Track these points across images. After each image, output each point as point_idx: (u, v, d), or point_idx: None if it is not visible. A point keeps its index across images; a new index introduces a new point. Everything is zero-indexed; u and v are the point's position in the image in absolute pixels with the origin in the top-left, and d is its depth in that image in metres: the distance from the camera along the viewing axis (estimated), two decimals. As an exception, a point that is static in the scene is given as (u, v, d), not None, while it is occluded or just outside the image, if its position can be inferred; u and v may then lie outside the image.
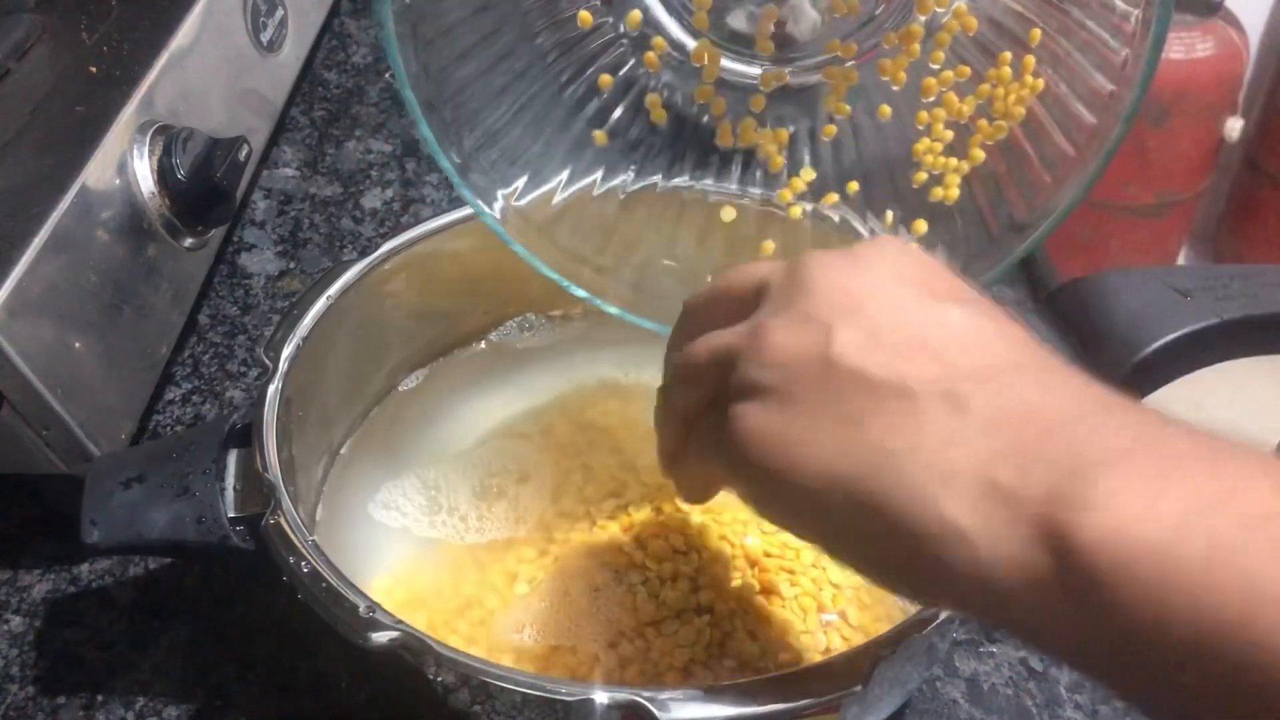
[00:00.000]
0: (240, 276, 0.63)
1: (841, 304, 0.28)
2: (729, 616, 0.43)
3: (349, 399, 0.51)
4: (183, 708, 0.44)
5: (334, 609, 0.34)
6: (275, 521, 0.37)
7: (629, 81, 0.42)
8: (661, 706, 0.31)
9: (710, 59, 0.40)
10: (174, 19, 0.54)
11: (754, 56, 0.42)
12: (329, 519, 0.46)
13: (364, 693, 0.43)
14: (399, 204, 0.69)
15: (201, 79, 0.56)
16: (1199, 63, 1.49)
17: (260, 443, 0.40)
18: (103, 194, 0.47)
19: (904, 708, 0.44)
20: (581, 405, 0.53)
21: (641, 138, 0.43)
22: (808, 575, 0.44)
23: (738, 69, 0.42)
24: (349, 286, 0.47)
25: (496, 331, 0.55)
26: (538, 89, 0.41)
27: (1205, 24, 1.51)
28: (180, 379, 0.57)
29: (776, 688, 0.32)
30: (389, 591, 0.44)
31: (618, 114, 0.42)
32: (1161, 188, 1.57)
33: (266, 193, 0.69)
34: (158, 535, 0.40)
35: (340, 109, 0.75)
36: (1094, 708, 0.44)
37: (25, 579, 0.49)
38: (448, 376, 0.54)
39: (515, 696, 0.32)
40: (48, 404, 0.43)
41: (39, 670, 0.45)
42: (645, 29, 0.41)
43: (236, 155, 0.51)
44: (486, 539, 0.47)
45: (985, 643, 0.47)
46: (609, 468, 0.50)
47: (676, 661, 0.41)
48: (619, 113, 0.42)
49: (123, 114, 0.49)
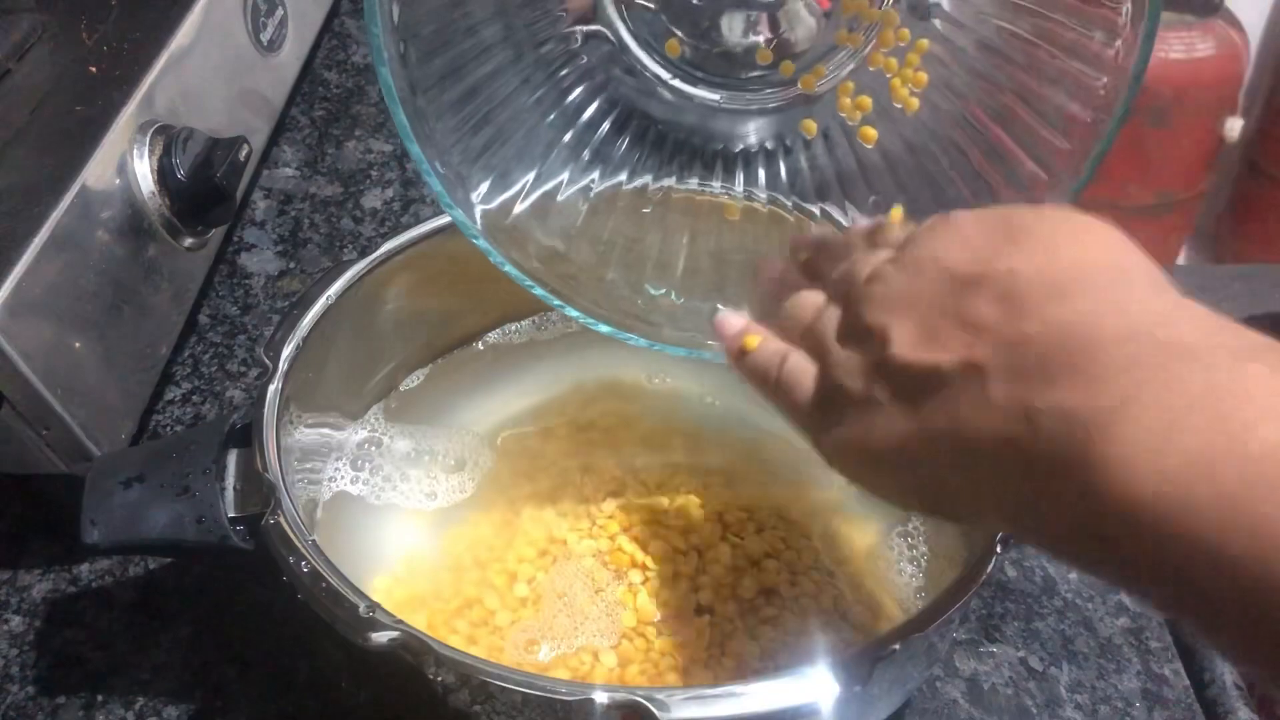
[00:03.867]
0: (240, 276, 0.63)
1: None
2: (729, 616, 0.43)
3: (349, 399, 0.51)
4: (183, 708, 0.44)
5: (334, 609, 0.34)
6: (275, 521, 0.37)
7: (611, 100, 0.43)
8: (661, 706, 0.31)
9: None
10: (174, 19, 0.54)
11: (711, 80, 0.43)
12: (329, 519, 0.46)
13: (364, 693, 0.43)
14: (399, 204, 0.69)
15: (201, 79, 0.56)
16: (1199, 63, 1.49)
17: (260, 443, 0.40)
18: (103, 194, 0.47)
19: (904, 708, 0.44)
20: (581, 405, 0.53)
21: (626, 148, 0.43)
22: (808, 576, 0.44)
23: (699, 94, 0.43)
24: (349, 286, 0.47)
25: (496, 331, 0.55)
26: (524, 105, 0.41)
27: (1205, 24, 1.51)
28: (180, 379, 0.57)
29: (776, 688, 0.32)
30: (389, 591, 0.44)
31: (604, 128, 0.43)
32: (1161, 188, 1.57)
33: (266, 193, 0.69)
34: (158, 535, 0.40)
35: (340, 109, 0.75)
36: (1094, 708, 0.44)
37: (25, 579, 0.49)
38: (448, 376, 0.54)
39: (515, 696, 0.32)
40: (48, 404, 0.43)
41: (39, 670, 0.45)
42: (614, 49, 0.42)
43: (236, 155, 0.51)
44: (486, 539, 0.47)
45: (985, 643, 0.47)
46: (609, 468, 0.50)
47: (676, 661, 0.41)
48: (605, 127, 0.43)
49: (123, 114, 0.48)
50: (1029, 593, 0.49)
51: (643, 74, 0.43)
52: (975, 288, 0.27)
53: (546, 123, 0.42)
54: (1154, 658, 0.46)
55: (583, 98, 0.42)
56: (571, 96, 0.42)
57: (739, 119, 0.43)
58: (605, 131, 0.43)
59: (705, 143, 0.44)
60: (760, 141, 0.43)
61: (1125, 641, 0.47)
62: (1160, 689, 0.45)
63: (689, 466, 0.50)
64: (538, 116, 0.41)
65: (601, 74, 0.42)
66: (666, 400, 0.53)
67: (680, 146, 0.44)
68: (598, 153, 0.43)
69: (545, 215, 0.42)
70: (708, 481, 0.49)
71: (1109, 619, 0.48)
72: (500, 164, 0.41)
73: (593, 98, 0.42)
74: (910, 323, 0.28)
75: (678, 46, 0.42)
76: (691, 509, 0.47)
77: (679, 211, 0.44)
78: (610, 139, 0.43)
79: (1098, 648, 0.47)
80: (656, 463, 0.50)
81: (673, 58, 0.42)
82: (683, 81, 0.43)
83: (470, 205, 0.40)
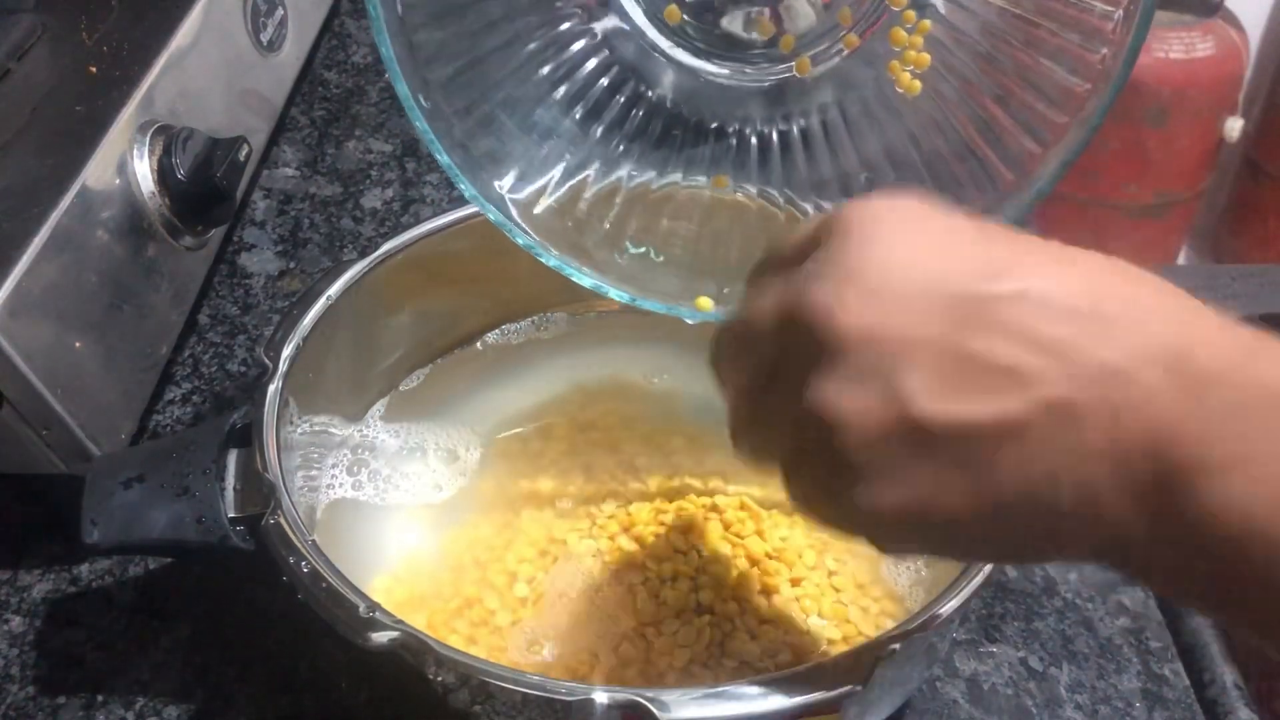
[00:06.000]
0: (240, 276, 0.63)
1: (885, 346, 0.24)
2: (729, 616, 0.43)
3: (349, 399, 0.51)
4: (183, 708, 0.44)
5: (334, 609, 0.34)
6: (275, 521, 0.37)
7: (619, 81, 0.43)
8: (661, 706, 0.31)
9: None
10: (174, 19, 0.54)
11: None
12: (329, 519, 0.46)
13: (364, 693, 0.43)
14: (399, 204, 0.69)
15: (201, 79, 0.56)
16: (1199, 63, 1.49)
17: (260, 443, 0.40)
18: (103, 194, 0.47)
19: (904, 708, 0.44)
20: (581, 405, 0.53)
21: (636, 130, 0.43)
22: (808, 576, 0.44)
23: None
24: (349, 286, 0.47)
25: (496, 331, 0.55)
26: (531, 83, 0.41)
27: (1205, 24, 1.51)
28: (180, 379, 0.57)
29: (776, 688, 0.32)
30: (389, 591, 0.44)
31: (613, 108, 0.43)
32: (1161, 188, 1.57)
33: (266, 193, 0.69)
34: (158, 535, 0.40)
35: (340, 109, 0.75)
36: (1094, 708, 0.44)
37: (25, 579, 0.49)
38: (448, 376, 0.54)
39: (515, 696, 0.32)
40: (48, 404, 0.43)
41: (39, 670, 0.45)
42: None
43: (236, 155, 0.51)
44: (486, 539, 0.47)
45: (985, 643, 0.47)
46: (609, 468, 0.50)
47: (676, 661, 0.41)
48: (614, 107, 0.43)
49: (123, 114, 0.48)
50: (1029, 593, 0.49)
51: (642, 42, 0.42)
52: (988, 316, 0.24)
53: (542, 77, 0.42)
54: (1154, 658, 0.46)
55: (583, 56, 0.42)
56: (572, 51, 0.42)
57: (742, 99, 0.43)
58: (602, 93, 0.43)
59: (703, 118, 0.43)
60: (761, 121, 0.43)
61: (1125, 641, 0.47)
62: (1160, 689, 0.45)
63: (689, 466, 0.50)
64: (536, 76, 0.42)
65: (605, 47, 0.42)
66: (666, 400, 0.53)
67: (675, 123, 0.43)
68: (599, 118, 0.43)
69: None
70: (708, 481, 0.49)
71: (1109, 619, 0.48)
72: (477, 93, 0.40)
73: (595, 62, 0.42)
74: (923, 372, 0.24)
75: (677, 13, 0.42)
76: (691, 509, 0.47)
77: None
78: (605, 103, 0.43)
79: (1098, 648, 0.47)
80: (656, 463, 0.50)
81: (672, 24, 0.42)
82: (686, 53, 0.43)
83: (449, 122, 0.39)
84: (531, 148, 0.42)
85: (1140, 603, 0.49)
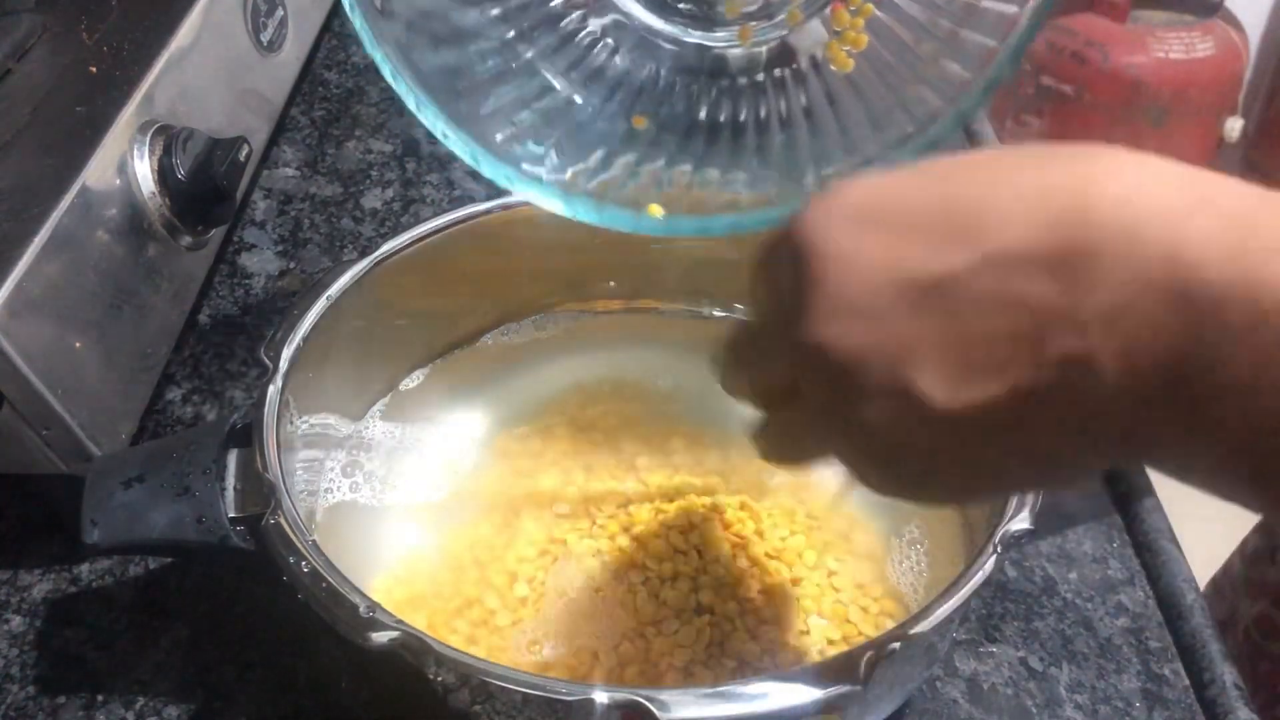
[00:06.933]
0: (240, 276, 0.63)
1: (883, 360, 0.25)
2: (729, 616, 0.43)
3: (349, 399, 0.51)
4: (183, 708, 0.44)
5: (334, 609, 0.34)
6: (275, 521, 0.37)
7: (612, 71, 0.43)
8: (661, 706, 0.31)
9: None
10: (174, 19, 0.54)
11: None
12: (329, 519, 0.46)
13: (364, 693, 0.43)
14: (399, 204, 0.69)
15: (201, 79, 0.56)
16: (1199, 63, 1.49)
17: (260, 443, 0.40)
18: (103, 194, 0.47)
19: (904, 708, 0.44)
20: (581, 405, 0.53)
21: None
22: (808, 576, 0.44)
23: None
24: (349, 286, 0.47)
25: (496, 331, 0.55)
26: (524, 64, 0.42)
27: (1205, 24, 1.51)
28: (180, 379, 0.57)
29: (776, 688, 0.32)
30: (389, 591, 0.44)
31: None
32: (1161, 188, 1.57)
33: (266, 193, 0.69)
34: (158, 535, 0.40)
35: (340, 109, 0.75)
36: (1094, 708, 0.44)
37: (25, 579, 0.49)
38: (448, 376, 0.54)
39: (515, 696, 0.32)
40: (48, 404, 0.43)
41: (39, 670, 0.45)
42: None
43: (236, 155, 0.51)
44: (486, 539, 0.47)
45: (985, 643, 0.47)
46: (609, 468, 0.50)
47: (676, 661, 0.41)
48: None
49: (123, 114, 0.49)
50: (1029, 593, 0.49)
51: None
52: (972, 281, 0.24)
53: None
54: (1154, 658, 0.46)
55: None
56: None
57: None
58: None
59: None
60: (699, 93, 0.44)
61: (1125, 641, 0.47)
62: (1160, 689, 0.45)
63: (689, 466, 0.50)
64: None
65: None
66: (666, 400, 0.53)
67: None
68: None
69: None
70: (708, 481, 0.49)
71: (1109, 619, 0.48)
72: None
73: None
74: (928, 369, 0.25)
75: None
76: (691, 509, 0.47)
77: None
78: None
79: (1098, 648, 0.47)
80: (657, 463, 0.50)
81: None
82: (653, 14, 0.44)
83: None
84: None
85: (1140, 603, 0.49)
